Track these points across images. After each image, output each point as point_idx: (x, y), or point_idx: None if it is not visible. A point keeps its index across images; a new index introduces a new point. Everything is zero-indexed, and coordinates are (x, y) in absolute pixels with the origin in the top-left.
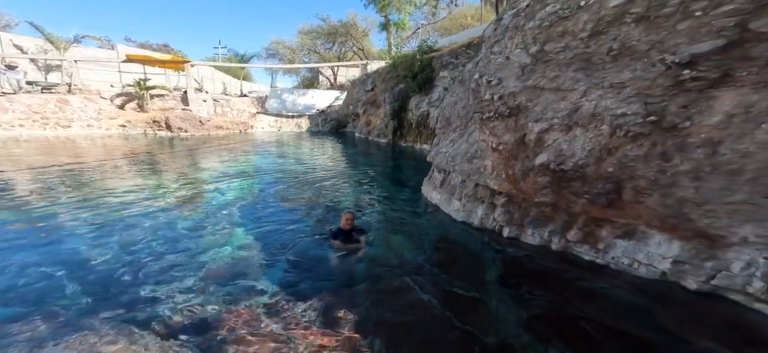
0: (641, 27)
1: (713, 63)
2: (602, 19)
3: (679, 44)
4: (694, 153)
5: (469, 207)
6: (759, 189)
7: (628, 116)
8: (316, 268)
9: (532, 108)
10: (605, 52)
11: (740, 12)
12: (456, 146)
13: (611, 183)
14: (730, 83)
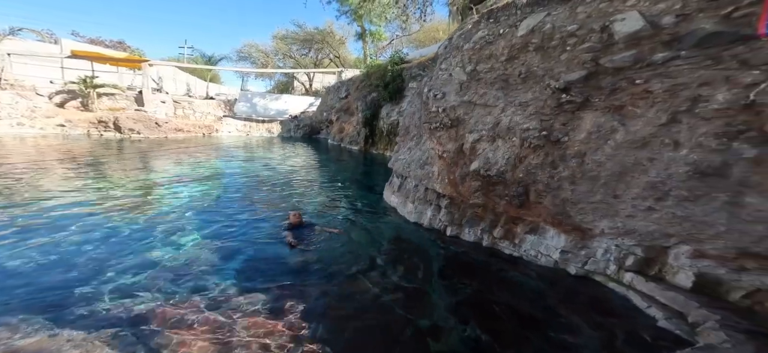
0: (539, 55)
1: (579, 89)
2: (514, 46)
3: (560, 72)
4: (570, 162)
5: (420, 209)
6: (609, 191)
7: (530, 131)
8: (269, 266)
9: (467, 120)
10: (517, 74)
11: (594, 49)
12: (412, 153)
13: (521, 187)
14: (590, 107)
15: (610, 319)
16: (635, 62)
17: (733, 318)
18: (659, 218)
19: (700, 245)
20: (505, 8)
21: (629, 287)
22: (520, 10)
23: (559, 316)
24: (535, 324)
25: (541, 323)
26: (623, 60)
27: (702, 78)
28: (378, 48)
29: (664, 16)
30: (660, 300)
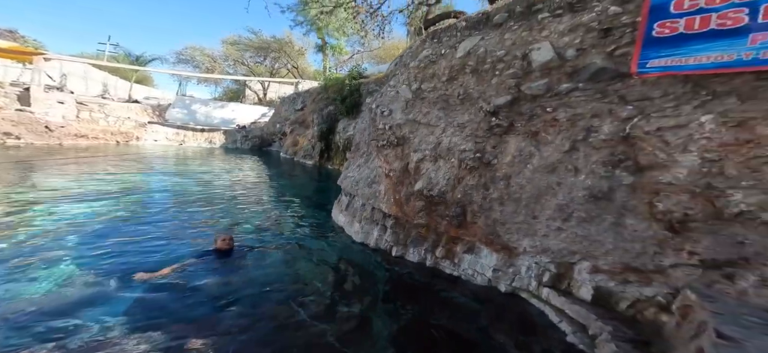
0: (475, 78)
1: (505, 114)
2: (453, 68)
3: (491, 96)
4: (499, 184)
5: (367, 229)
6: (529, 212)
7: (466, 152)
8: (178, 297)
9: (412, 139)
10: (456, 95)
11: (517, 76)
12: (361, 170)
13: (460, 207)
14: (514, 131)
15: (530, 337)
16: (547, 91)
17: (621, 328)
18: (566, 236)
19: (596, 261)
20: (448, 30)
21: (546, 302)
22: (460, 33)
23: (490, 338)
24: (469, 347)
25: (474, 346)
26: (538, 88)
27: (594, 110)
28: (339, 61)
29: (567, 49)
30: (569, 314)
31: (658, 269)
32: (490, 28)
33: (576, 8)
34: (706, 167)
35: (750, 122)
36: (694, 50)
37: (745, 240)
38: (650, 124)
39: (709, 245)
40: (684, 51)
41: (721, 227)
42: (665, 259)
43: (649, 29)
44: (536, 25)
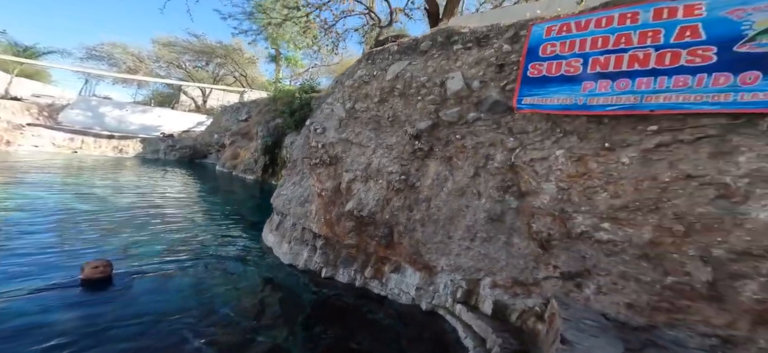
0: (402, 101)
1: (426, 138)
2: (384, 89)
3: (416, 120)
4: (421, 206)
5: (296, 250)
6: (446, 232)
7: (393, 174)
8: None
9: (345, 159)
10: (386, 117)
11: (436, 102)
12: (295, 189)
13: (387, 228)
14: (433, 156)
15: None
16: (459, 118)
17: (510, 339)
18: (473, 255)
19: (495, 276)
20: (381, 52)
21: (458, 318)
22: (392, 56)
23: None
24: None
25: None
26: (452, 115)
27: (491, 139)
28: (294, 74)
29: (474, 81)
30: (474, 329)
31: (535, 282)
32: (417, 54)
33: (482, 43)
34: (560, 195)
35: (585, 158)
36: (551, 92)
37: (586, 255)
38: (526, 155)
39: (565, 260)
40: (545, 92)
41: (571, 244)
42: (539, 273)
43: (525, 69)
44: (452, 55)
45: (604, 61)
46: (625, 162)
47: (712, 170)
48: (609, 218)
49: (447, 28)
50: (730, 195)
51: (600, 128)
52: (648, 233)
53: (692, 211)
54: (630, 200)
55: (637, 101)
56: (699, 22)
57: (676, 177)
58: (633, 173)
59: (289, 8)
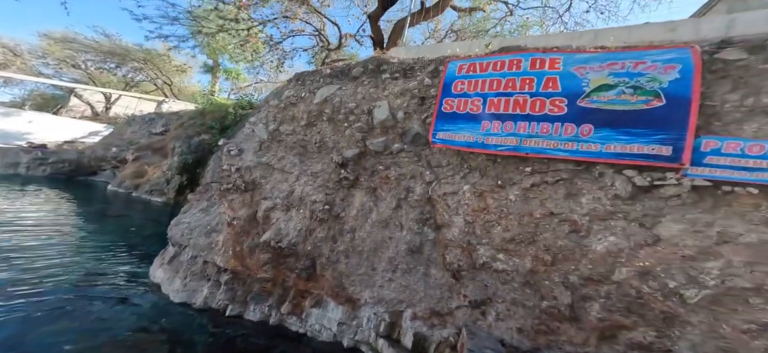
0: (331, 127)
1: (353, 167)
2: (311, 113)
3: (343, 147)
4: (346, 237)
5: (193, 286)
6: (370, 264)
7: (318, 203)
8: None
9: (264, 185)
10: (314, 142)
11: (363, 130)
12: (201, 217)
13: (310, 260)
14: (359, 186)
15: None
16: (385, 149)
17: None
18: (395, 286)
19: (415, 308)
20: (314, 74)
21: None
22: (323, 79)
23: None
24: None
25: None
26: (378, 145)
27: (412, 171)
28: (235, 88)
29: (398, 111)
30: None
31: (449, 311)
32: (349, 79)
33: (408, 74)
34: (467, 228)
35: (484, 194)
36: (460, 128)
37: (488, 284)
38: (441, 188)
39: (472, 289)
40: (456, 128)
41: (476, 274)
42: (453, 302)
43: (440, 104)
44: (381, 84)
45: (497, 102)
46: (512, 199)
47: (566, 209)
48: (502, 249)
49: (378, 56)
50: (578, 230)
51: (495, 166)
52: (529, 262)
53: (555, 243)
54: (516, 234)
55: (518, 144)
56: (557, 75)
57: (544, 214)
58: (517, 209)
59: (226, 19)
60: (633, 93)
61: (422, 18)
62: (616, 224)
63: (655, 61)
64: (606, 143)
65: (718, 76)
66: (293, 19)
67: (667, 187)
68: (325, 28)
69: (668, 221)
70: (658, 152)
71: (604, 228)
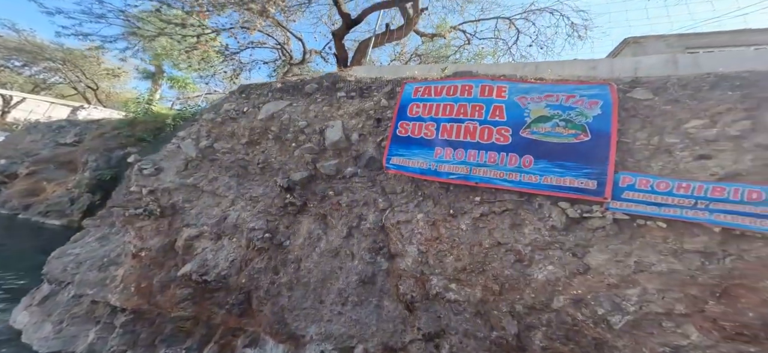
0: (278, 146)
1: (300, 192)
2: (255, 130)
3: (291, 170)
4: (290, 268)
5: (72, 332)
6: (317, 296)
7: (257, 231)
8: None
9: (188, 210)
10: (257, 163)
11: (314, 151)
12: (96, 247)
13: (244, 294)
14: (307, 212)
15: None
16: (337, 172)
17: None
18: (345, 321)
19: (366, 343)
20: (261, 87)
21: None
22: (272, 93)
23: None
24: None
25: None
26: (330, 168)
27: (365, 198)
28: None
29: (353, 133)
30: None
31: (403, 346)
32: (301, 96)
33: (365, 94)
34: (420, 257)
35: (437, 222)
36: (414, 153)
37: (441, 315)
38: (395, 216)
39: (426, 321)
40: (410, 153)
41: (430, 305)
42: (407, 336)
43: (396, 127)
44: (335, 103)
45: (449, 128)
46: (463, 228)
47: (512, 239)
48: (455, 279)
49: (334, 73)
50: (523, 259)
51: (447, 194)
52: (479, 291)
53: (503, 273)
54: (467, 263)
55: (468, 172)
56: (503, 104)
57: (492, 244)
58: (468, 238)
59: (170, 23)
60: (565, 126)
61: (386, 40)
62: (554, 253)
63: (582, 95)
64: (544, 175)
65: (630, 114)
66: (252, 31)
67: (593, 219)
68: (289, 43)
69: (595, 251)
70: (585, 186)
71: (544, 258)
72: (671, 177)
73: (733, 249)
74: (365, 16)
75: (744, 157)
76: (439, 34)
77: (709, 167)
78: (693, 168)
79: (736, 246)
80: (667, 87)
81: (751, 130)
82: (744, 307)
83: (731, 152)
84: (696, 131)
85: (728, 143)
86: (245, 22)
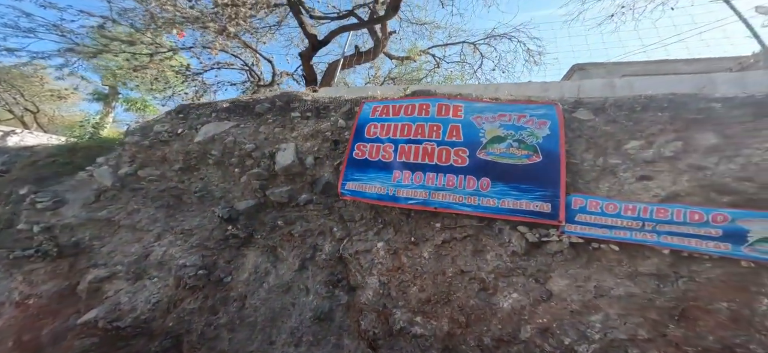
0: (220, 172)
1: (245, 223)
2: (191, 154)
3: (235, 198)
4: (231, 307)
5: None
6: (266, 337)
7: (189, 268)
8: None
9: (96, 248)
10: (194, 191)
11: (262, 177)
12: None
13: (171, 339)
14: (253, 244)
15: None
16: (290, 200)
17: None
18: None
19: None
20: (204, 106)
21: None
22: (217, 113)
23: None
24: None
25: None
26: (282, 195)
27: (321, 227)
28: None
29: (308, 156)
30: None
31: None
32: (251, 116)
33: (322, 114)
34: (382, 289)
35: (399, 252)
36: (371, 178)
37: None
38: (353, 246)
39: None
40: (367, 177)
41: (394, 341)
42: None
43: (352, 149)
44: (289, 124)
45: (408, 150)
46: (426, 257)
47: (474, 267)
48: (419, 311)
49: (288, 92)
50: (487, 288)
51: (409, 221)
52: (446, 324)
53: (468, 303)
54: (431, 294)
55: (427, 197)
56: (460, 123)
57: (456, 272)
58: (431, 267)
59: (115, 40)
60: (519, 147)
61: (355, 62)
62: (517, 280)
63: (532, 115)
64: (502, 199)
65: (576, 135)
66: (213, 51)
67: (551, 243)
68: (259, 64)
69: (556, 277)
70: (541, 210)
71: (508, 285)
72: (618, 199)
73: (684, 271)
74: (332, 38)
75: (681, 178)
76: (410, 58)
77: (651, 189)
78: (636, 189)
79: (687, 268)
80: (605, 108)
81: (683, 151)
82: (703, 330)
83: (668, 173)
84: (635, 151)
85: (665, 164)
86: (209, 42)
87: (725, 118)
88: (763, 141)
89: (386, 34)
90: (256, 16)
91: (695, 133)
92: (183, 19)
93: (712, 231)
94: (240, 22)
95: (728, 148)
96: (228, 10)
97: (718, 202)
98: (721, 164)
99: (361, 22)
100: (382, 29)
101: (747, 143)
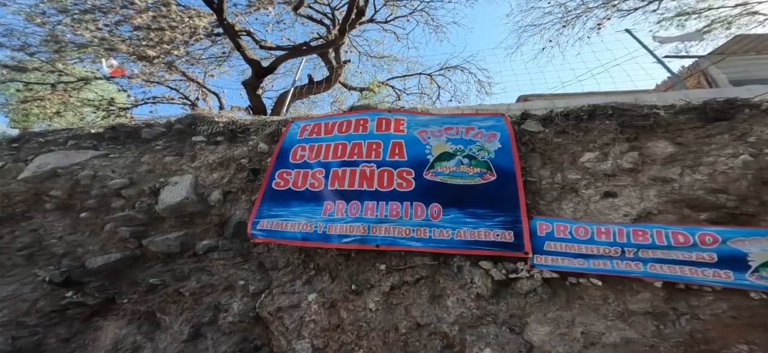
0: (68, 220)
1: (100, 284)
2: (17, 196)
3: (87, 254)
4: None
5: None
6: None
7: None
8: None
9: None
10: (18, 248)
11: (139, 222)
12: None
13: None
14: (113, 312)
15: None
16: (182, 250)
17: None
18: None
19: None
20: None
21: None
22: (76, 141)
23: None
24: None
25: None
26: (170, 244)
27: (229, 279)
28: None
29: (214, 190)
30: None
31: None
32: (135, 143)
33: (238, 138)
34: None
35: (337, 304)
36: (294, 212)
37: None
38: (273, 302)
39: None
40: (288, 212)
41: None
42: None
43: (271, 178)
44: (189, 151)
45: (341, 175)
46: (372, 308)
47: (434, 318)
48: None
49: (193, 113)
50: (452, 345)
51: (348, 264)
52: None
53: None
54: None
55: (366, 233)
56: (402, 139)
57: (410, 326)
58: (380, 322)
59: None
60: (469, 164)
61: (307, 92)
62: (488, 330)
63: (480, 127)
64: (457, 228)
65: (529, 149)
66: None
67: (522, 280)
68: (207, 98)
69: (534, 323)
70: (503, 238)
71: (477, 339)
72: (586, 221)
73: (684, 307)
74: (278, 65)
75: (647, 193)
76: (370, 89)
77: (619, 207)
78: (603, 208)
79: (686, 303)
80: (553, 117)
81: (642, 162)
82: None
83: (633, 188)
84: (592, 164)
85: (627, 178)
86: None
87: (674, 124)
88: (721, 147)
89: (340, 64)
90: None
91: (648, 141)
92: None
93: (705, 256)
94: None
95: (687, 156)
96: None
97: (696, 219)
98: (686, 175)
99: (310, 48)
100: (336, 58)
101: (705, 151)
